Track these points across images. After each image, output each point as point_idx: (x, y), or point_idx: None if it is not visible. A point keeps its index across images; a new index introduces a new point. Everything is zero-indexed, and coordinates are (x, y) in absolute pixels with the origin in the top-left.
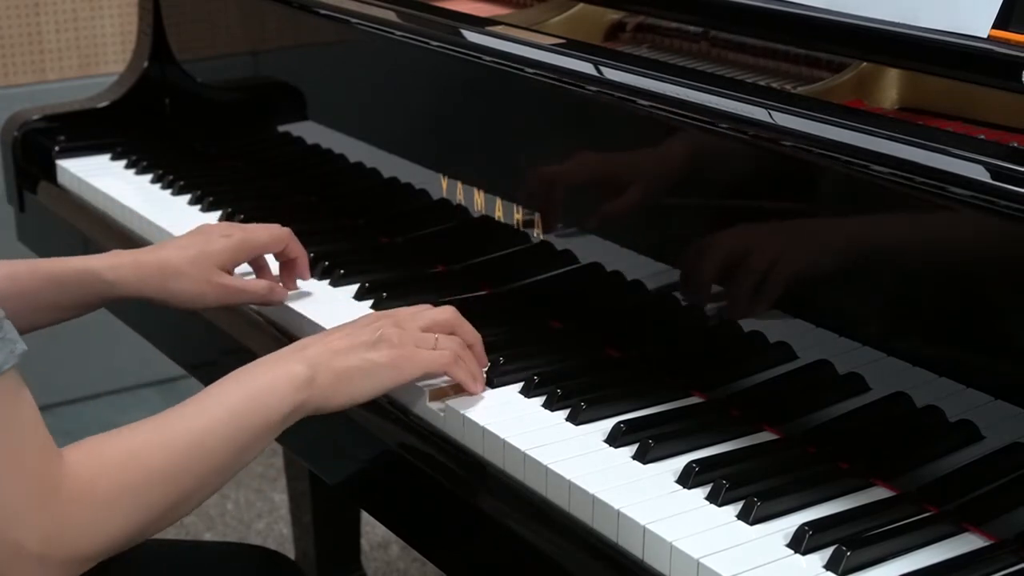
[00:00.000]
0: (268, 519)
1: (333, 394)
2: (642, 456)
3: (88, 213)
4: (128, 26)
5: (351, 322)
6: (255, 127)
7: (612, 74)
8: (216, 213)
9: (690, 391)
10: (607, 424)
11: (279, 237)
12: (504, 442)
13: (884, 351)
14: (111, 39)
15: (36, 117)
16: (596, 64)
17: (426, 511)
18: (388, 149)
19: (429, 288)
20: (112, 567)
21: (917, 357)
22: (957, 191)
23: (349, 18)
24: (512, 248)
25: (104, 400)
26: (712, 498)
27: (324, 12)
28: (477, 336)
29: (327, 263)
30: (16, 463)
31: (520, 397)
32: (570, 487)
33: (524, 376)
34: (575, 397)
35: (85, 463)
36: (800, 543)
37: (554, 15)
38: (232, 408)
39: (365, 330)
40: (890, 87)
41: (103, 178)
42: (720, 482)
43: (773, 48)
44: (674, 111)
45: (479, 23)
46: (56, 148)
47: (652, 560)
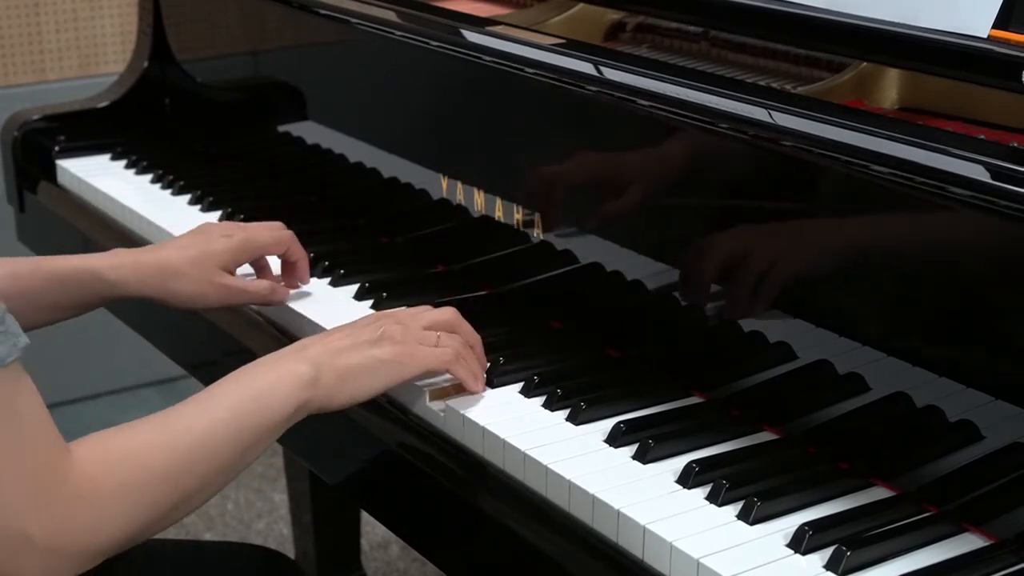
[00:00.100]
0: (268, 519)
1: (336, 392)
2: (642, 456)
3: (88, 213)
4: (128, 26)
5: (351, 322)
6: (255, 127)
7: (612, 74)
8: (216, 213)
9: (690, 391)
10: (607, 424)
11: (281, 240)
12: (504, 442)
13: (884, 351)
14: (111, 39)
15: (36, 117)
16: (596, 64)
17: (426, 511)
18: (388, 149)
19: (429, 288)
20: (114, 567)
21: (917, 357)
22: (957, 191)
23: (349, 18)
24: (512, 248)
25: (104, 400)
26: (712, 498)
27: (324, 12)
28: (477, 337)
29: (327, 263)
30: (23, 455)
31: (520, 397)
32: (570, 487)
33: (524, 376)
34: (575, 397)
35: (91, 458)
36: (800, 543)
37: (554, 15)
38: (235, 408)
39: (367, 329)
40: (890, 87)
41: (103, 178)
42: (720, 482)
43: (773, 48)
44: (674, 111)
45: (479, 23)
46: (56, 148)
47: (652, 560)
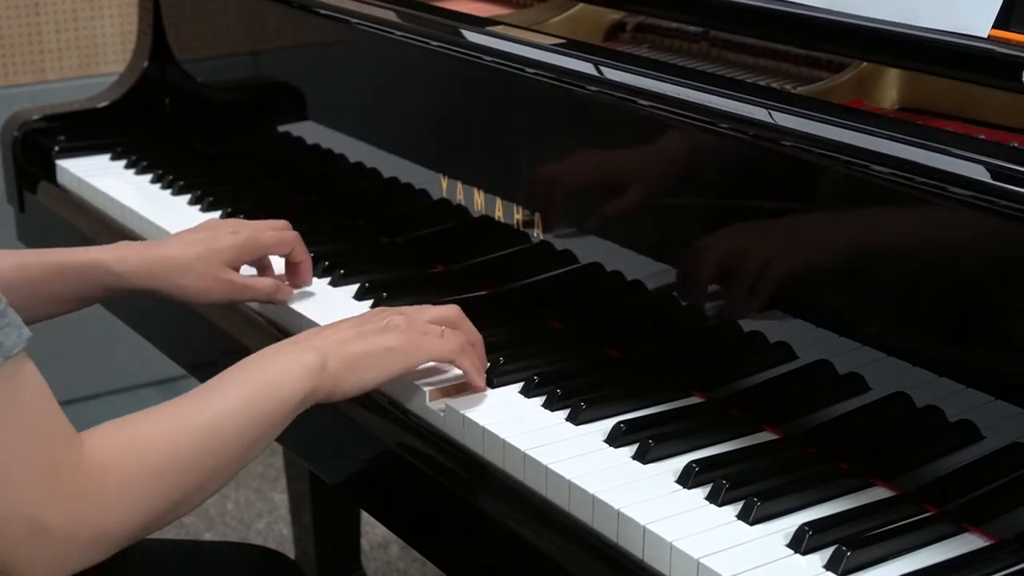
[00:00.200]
0: (268, 519)
1: (343, 379)
2: (642, 456)
3: (88, 213)
4: (128, 26)
5: (356, 315)
6: (255, 127)
7: (612, 74)
8: (216, 213)
9: (690, 391)
10: (607, 424)
11: (286, 240)
12: (504, 442)
13: (884, 351)
14: (111, 39)
15: (36, 117)
16: (596, 64)
17: (426, 511)
18: (388, 149)
19: (429, 288)
20: (113, 567)
21: (917, 357)
22: (957, 191)
23: (349, 18)
24: (512, 248)
25: (104, 400)
26: (712, 498)
27: (324, 12)
28: (479, 336)
29: (327, 263)
30: (33, 444)
31: (520, 397)
32: (570, 487)
33: (524, 376)
34: (575, 397)
35: (102, 447)
36: (800, 543)
37: (554, 15)
38: (244, 397)
39: (372, 320)
40: (890, 87)
41: (103, 178)
42: (720, 482)
43: (773, 48)
44: (674, 111)
45: (479, 23)
46: (56, 148)
47: (652, 560)
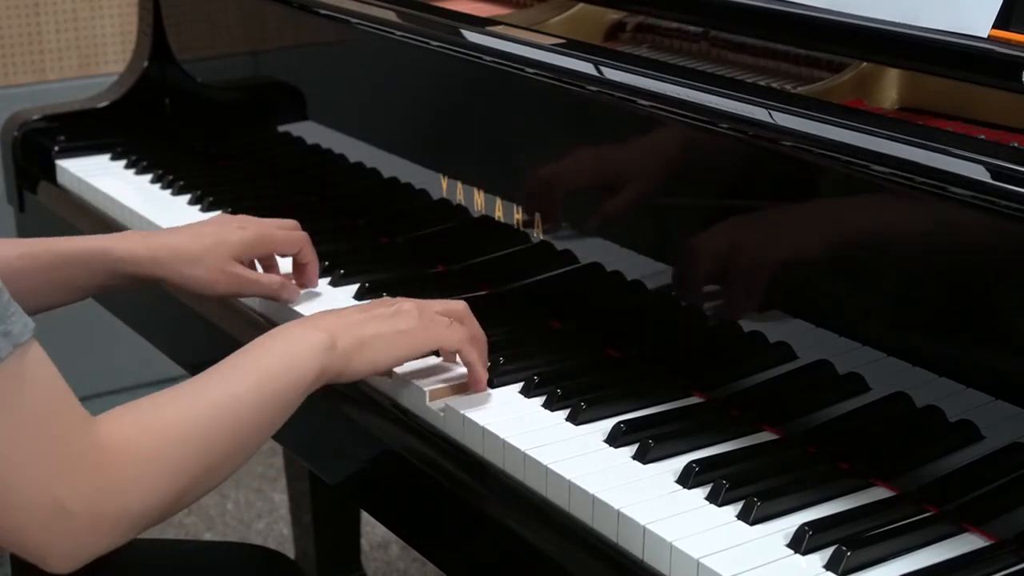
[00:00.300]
0: (268, 519)
1: (353, 359)
2: (642, 456)
3: (88, 213)
4: (128, 26)
5: (367, 302)
6: (255, 127)
7: (612, 74)
8: (216, 213)
9: (690, 391)
10: (607, 424)
11: (294, 240)
12: (504, 442)
13: (884, 351)
14: (111, 39)
15: (36, 117)
16: (596, 64)
17: (426, 511)
18: (388, 149)
19: (429, 288)
20: (112, 567)
21: (917, 357)
22: (957, 191)
23: (349, 18)
24: (512, 248)
25: (104, 400)
26: (712, 498)
27: (324, 12)
28: (483, 334)
29: (327, 263)
30: (46, 427)
31: (520, 397)
32: (570, 487)
33: (524, 376)
34: (575, 397)
35: (115, 429)
36: (800, 543)
37: (554, 15)
38: (256, 376)
39: (382, 304)
40: (890, 87)
41: (103, 178)
42: (720, 482)
43: (773, 48)
44: (674, 111)
45: (479, 23)
46: (56, 148)
47: (652, 560)
